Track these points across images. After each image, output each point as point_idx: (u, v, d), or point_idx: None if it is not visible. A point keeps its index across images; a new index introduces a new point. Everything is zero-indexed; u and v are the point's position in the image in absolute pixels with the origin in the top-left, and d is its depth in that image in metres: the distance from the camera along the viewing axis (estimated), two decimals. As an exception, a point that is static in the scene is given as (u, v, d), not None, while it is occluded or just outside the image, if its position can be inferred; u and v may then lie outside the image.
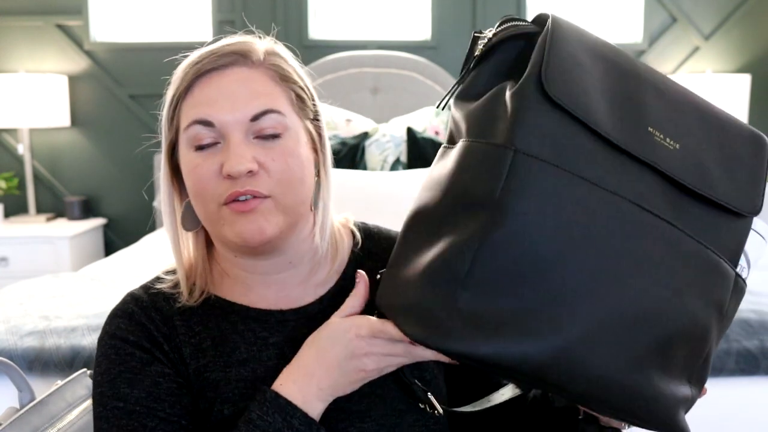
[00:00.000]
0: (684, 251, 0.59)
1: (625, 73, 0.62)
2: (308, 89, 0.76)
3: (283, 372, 0.68)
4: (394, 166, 2.45)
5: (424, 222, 0.62)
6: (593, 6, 3.12)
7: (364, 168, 2.45)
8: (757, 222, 0.66)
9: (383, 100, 2.85)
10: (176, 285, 0.76)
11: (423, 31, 3.09)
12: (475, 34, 0.65)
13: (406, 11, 3.10)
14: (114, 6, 3.06)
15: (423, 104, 2.75)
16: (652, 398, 0.58)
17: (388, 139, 2.47)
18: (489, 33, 0.65)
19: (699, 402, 0.65)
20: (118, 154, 3.07)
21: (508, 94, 0.59)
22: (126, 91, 3.02)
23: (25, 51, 3.00)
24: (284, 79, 0.73)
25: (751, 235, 0.65)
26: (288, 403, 0.65)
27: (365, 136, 2.49)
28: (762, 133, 0.67)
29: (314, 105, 0.77)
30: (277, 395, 0.66)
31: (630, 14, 3.12)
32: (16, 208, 3.07)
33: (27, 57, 3.00)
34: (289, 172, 0.70)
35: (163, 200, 0.76)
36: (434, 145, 2.41)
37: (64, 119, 2.91)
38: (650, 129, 0.60)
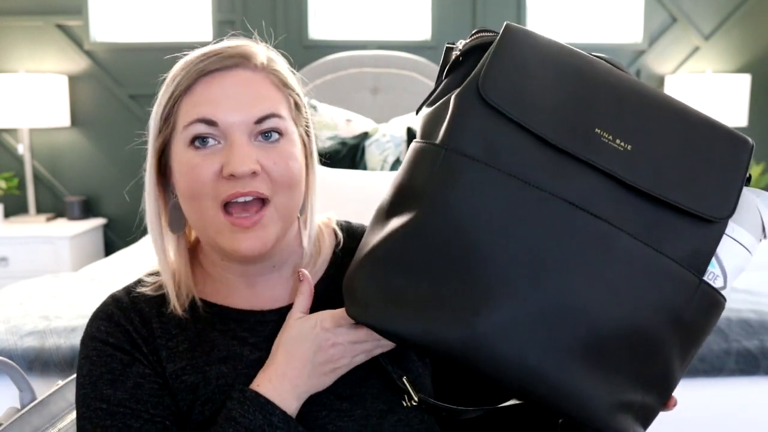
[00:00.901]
0: (622, 251, 0.59)
1: (579, 78, 0.64)
2: (301, 97, 0.77)
3: (259, 374, 0.70)
4: (394, 166, 2.45)
5: (379, 214, 0.67)
6: (593, 6, 3.12)
7: (364, 168, 2.45)
8: (739, 232, 0.63)
9: (383, 100, 2.85)
10: (159, 288, 0.76)
11: (423, 31, 3.09)
12: (448, 46, 0.68)
13: (406, 11, 3.10)
14: (114, 6, 3.06)
15: (423, 104, 2.74)
16: (578, 396, 0.58)
17: (388, 139, 2.47)
18: (460, 44, 0.68)
19: (699, 402, 0.64)
20: (118, 154, 3.07)
21: (452, 97, 0.63)
22: (126, 91, 3.02)
23: (25, 51, 3.00)
24: (285, 85, 0.74)
25: (729, 243, 0.63)
26: (267, 402, 0.67)
27: (365, 136, 2.49)
28: (746, 137, 0.65)
29: (306, 113, 0.78)
30: (257, 394, 0.67)
31: (630, 14, 3.12)
32: (16, 208, 3.07)
33: (27, 57, 3.00)
34: (290, 174, 0.71)
35: (148, 201, 0.75)
36: (434, 145, 2.41)
37: (64, 119, 2.91)
38: (597, 130, 0.61)
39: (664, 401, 0.63)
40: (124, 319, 0.74)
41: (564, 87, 0.63)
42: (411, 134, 2.46)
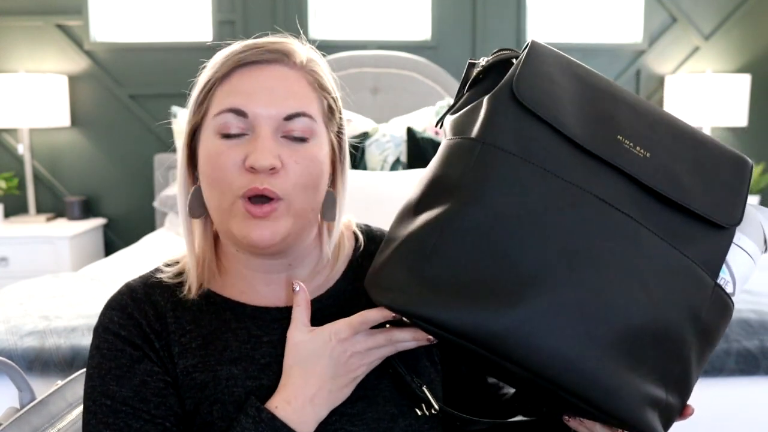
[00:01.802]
0: (649, 248, 0.62)
1: (599, 91, 0.69)
2: (338, 101, 0.78)
3: (277, 393, 0.69)
4: (394, 166, 2.45)
5: (406, 211, 0.68)
6: (593, 6, 3.12)
7: (364, 168, 2.45)
8: (745, 241, 0.67)
9: (383, 100, 2.85)
10: (178, 275, 0.76)
11: (423, 31, 3.09)
12: (470, 62, 0.73)
13: (406, 11, 3.10)
14: (114, 6, 3.06)
15: (423, 104, 2.75)
16: (612, 388, 0.58)
17: (388, 139, 2.47)
18: (483, 60, 0.71)
19: (699, 402, 0.65)
20: (118, 154, 3.07)
21: (485, 99, 0.67)
22: (126, 91, 3.02)
23: (25, 51, 3.00)
24: (321, 86, 0.74)
25: (737, 251, 0.67)
26: (283, 426, 0.66)
27: (365, 136, 2.49)
28: (746, 158, 0.70)
29: (341, 118, 0.78)
30: (274, 417, 0.66)
31: (630, 14, 3.12)
32: (16, 208, 3.07)
33: (27, 57, 3.00)
34: (308, 176, 0.70)
35: (179, 186, 0.76)
36: (434, 145, 2.41)
37: (64, 119, 2.91)
38: (620, 137, 0.65)
39: (684, 404, 0.64)
40: (138, 311, 0.73)
41: (587, 97, 0.67)
42: (411, 134, 2.46)
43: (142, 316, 0.73)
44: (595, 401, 0.59)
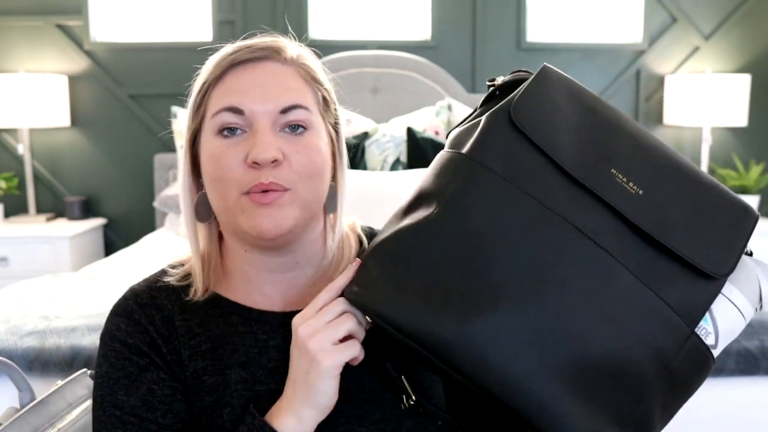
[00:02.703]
0: (621, 285, 0.61)
1: (604, 123, 0.68)
2: (332, 93, 0.78)
3: (277, 403, 0.68)
4: (394, 166, 2.45)
5: (395, 214, 0.70)
6: (593, 6, 3.12)
7: (364, 168, 2.45)
8: (737, 295, 0.65)
9: (383, 100, 2.85)
10: (183, 278, 0.77)
11: (423, 31, 3.09)
12: (488, 83, 0.73)
13: (406, 11, 3.10)
14: (114, 6, 3.06)
15: (423, 104, 2.75)
16: (556, 415, 0.57)
17: (388, 139, 2.48)
18: (500, 80, 0.72)
19: (699, 402, 0.64)
20: (118, 154, 3.07)
21: (483, 117, 0.67)
22: (126, 91, 3.02)
23: (25, 51, 3.00)
24: (314, 79, 0.75)
25: (725, 304, 0.65)
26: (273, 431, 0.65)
27: (365, 136, 2.49)
28: (753, 209, 0.67)
29: (336, 110, 0.79)
30: (264, 424, 0.66)
31: (630, 14, 3.12)
32: (16, 208, 3.07)
33: (27, 57, 3.00)
34: (312, 165, 0.71)
35: (182, 190, 0.77)
36: (434, 145, 2.41)
37: (64, 119, 2.91)
38: (613, 171, 0.64)
39: None
40: (144, 316, 0.74)
41: (588, 127, 0.67)
42: (411, 134, 2.46)
43: (148, 321, 0.73)
44: (536, 425, 0.58)
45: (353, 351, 0.65)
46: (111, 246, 3.11)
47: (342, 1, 3.08)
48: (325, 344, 0.64)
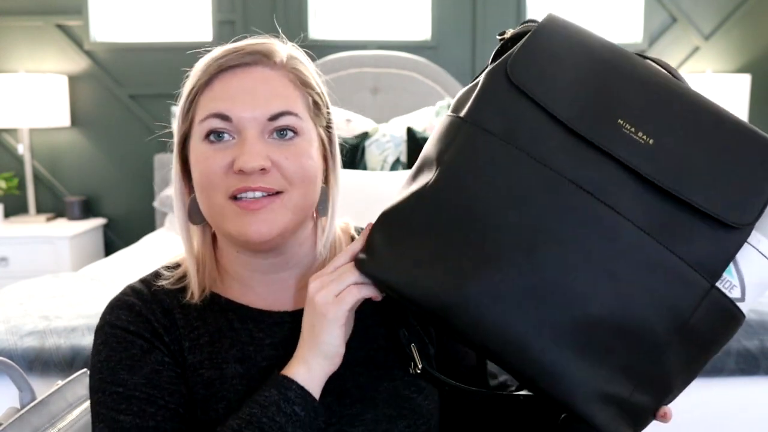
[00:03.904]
0: (627, 242, 0.58)
1: (612, 70, 0.64)
2: (324, 96, 0.77)
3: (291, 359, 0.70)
4: (394, 166, 2.45)
5: (404, 182, 0.70)
6: (593, 6, 3.12)
7: (364, 168, 2.45)
8: (766, 244, 0.61)
9: (383, 100, 2.85)
10: (178, 280, 0.76)
11: (423, 31, 3.09)
12: (498, 37, 0.70)
13: (406, 11, 3.10)
14: (114, 6, 3.06)
15: (423, 104, 2.75)
16: (557, 375, 0.57)
17: (388, 139, 2.47)
18: (509, 33, 0.69)
19: (699, 402, 0.63)
20: (118, 154, 3.07)
21: (482, 75, 0.66)
22: (126, 91, 3.02)
23: (25, 51, 3.00)
24: (303, 83, 0.74)
25: (752, 254, 0.61)
26: (284, 378, 0.66)
27: (365, 136, 2.49)
28: None
29: (328, 113, 0.78)
30: (276, 373, 0.67)
31: (630, 14, 3.12)
32: (16, 208, 3.07)
33: (27, 57, 3.00)
34: (302, 171, 0.71)
35: (175, 194, 0.77)
36: (434, 145, 2.41)
37: (64, 119, 2.91)
38: (620, 121, 0.61)
39: (659, 405, 0.62)
40: (146, 309, 0.74)
41: (594, 77, 0.64)
42: (411, 134, 2.46)
43: (150, 312, 0.73)
44: (539, 385, 0.58)
45: (352, 298, 0.65)
46: (111, 246, 3.11)
47: (342, 1, 3.08)
48: (329, 297, 0.65)
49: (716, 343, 0.61)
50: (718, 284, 0.60)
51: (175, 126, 0.75)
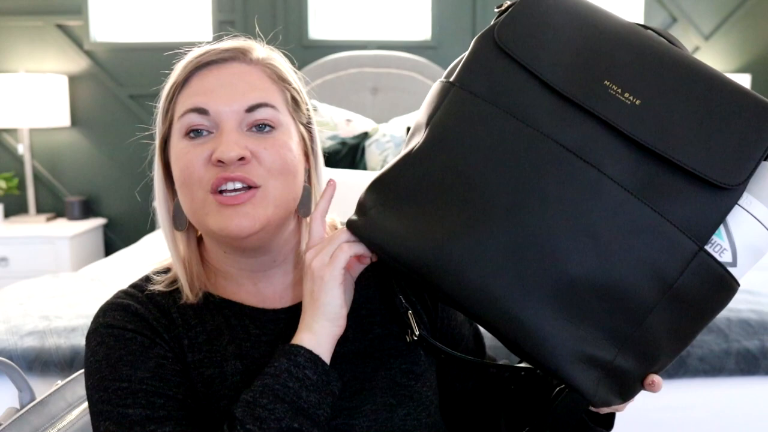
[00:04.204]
0: (611, 202, 0.58)
1: (601, 34, 0.64)
2: (302, 94, 0.78)
3: None
4: (394, 166, 2.45)
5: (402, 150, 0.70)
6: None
7: (364, 168, 2.45)
8: (757, 206, 0.59)
9: (383, 100, 2.85)
10: (170, 284, 0.76)
11: (423, 31, 3.09)
12: (496, 9, 0.71)
13: (406, 11, 3.10)
14: (114, 6, 3.06)
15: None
16: (539, 336, 0.57)
17: (388, 139, 2.47)
18: (506, 4, 0.70)
19: (699, 402, 0.63)
20: (118, 154, 3.07)
21: (473, 41, 0.68)
22: (126, 91, 3.02)
23: (25, 51, 3.00)
24: (280, 78, 0.75)
25: (743, 216, 0.59)
26: (292, 345, 0.66)
27: (365, 136, 2.49)
28: None
29: (308, 110, 0.78)
30: (283, 344, 0.68)
31: (630, 14, 3.12)
32: (16, 208, 3.07)
33: (27, 57, 3.00)
34: (282, 162, 0.71)
35: (158, 198, 0.77)
36: (434, 145, 2.41)
37: (64, 119, 2.91)
38: (606, 82, 0.61)
39: (645, 372, 0.61)
40: (142, 309, 0.73)
41: (582, 41, 0.64)
42: (411, 134, 2.46)
43: (147, 312, 0.73)
44: (523, 347, 0.58)
45: (344, 255, 0.66)
46: (111, 246, 3.11)
47: (342, 1, 3.08)
48: (325, 259, 0.67)
49: (707, 310, 0.60)
50: (707, 247, 0.58)
51: (156, 129, 0.76)
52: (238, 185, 0.68)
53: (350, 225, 0.67)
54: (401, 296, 0.73)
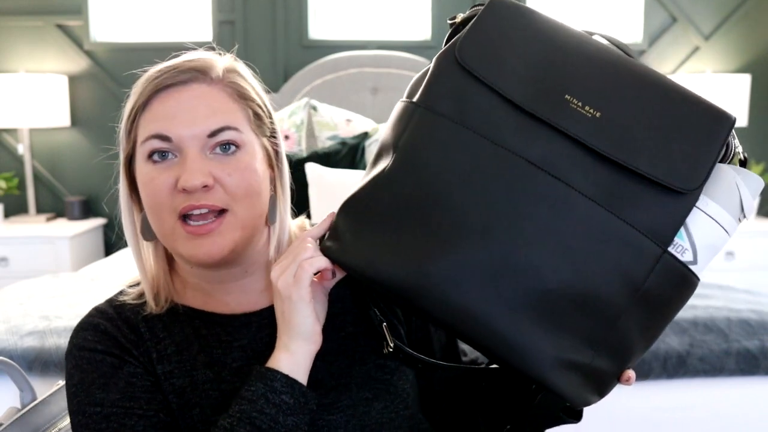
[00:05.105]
0: (579, 213, 0.60)
1: (560, 50, 0.66)
2: (266, 107, 0.78)
3: None
4: (394, 166, 2.45)
5: (365, 172, 0.70)
6: (593, 6, 3.12)
7: (364, 168, 2.45)
8: (713, 207, 0.63)
9: (383, 100, 2.85)
10: (140, 296, 0.77)
11: (423, 31, 3.09)
12: (449, 21, 0.71)
13: (406, 11, 3.10)
14: (114, 6, 3.06)
15: (423, 104, 2.74)
16: (521, 347, 0.59)
17: (388, 139, 2.47)
18: (459, 17, 0.70)
19: (699, 402, 0.63)
20: (118, 155, 3.06)
21: (433, 60, 0.68)
22: (126, 91, 3.00)
23: (25, 51, 3.00)
24: (242, 96, 0.74)
25: (701, 217, 0.62)
26: (269, 370, 0.67)
27: (365, 136, 2.49)
28: (728, 113, 0.64)
29: (271, 122, 0.78)
30: (260, 367, 0.68)
31: (630, 14, 3.12)
32: (16, 208, 3.07)
33: (27, 57, 3.00)
34: (246, 185, 0.71)
35: (123, 212, 0.77)
36: (434, 145, 2.41)
37: (64, 119, 2.91)
38: (567, 96, 0.63)
39: (621, 370, 0.63)
40: (111, 326, 0.74)
41: (541, 56, 0.65)
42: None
43: (115, 330, 0.74)
44: (507, 359, 0.60)
45: (306, 273, 0.66)
46: (111, 246, 3.11)
47: (342, 1, 3.08)
48: (289, 279, 0.66)
49: (672, 307, 0.63)
50: (670, 249, 0.61)
51: (120, 146, 0.76)
52: (205, 211, 0.70)
53: (327, 251, 0.66)
54: (375, 309, 0.73)
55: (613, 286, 0.60)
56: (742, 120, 2.89)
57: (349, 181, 2.05)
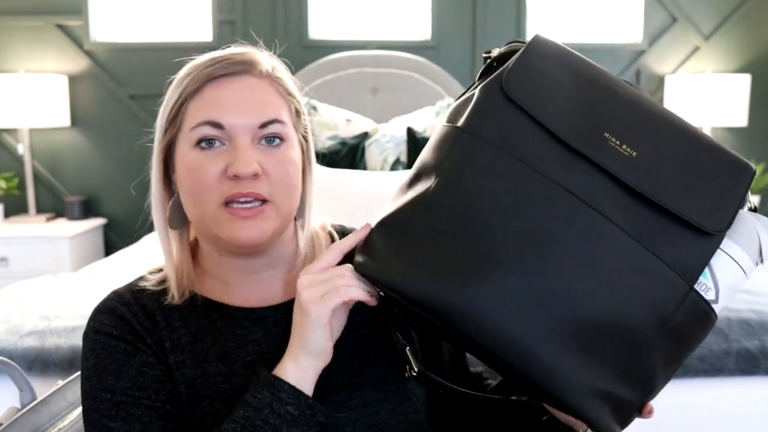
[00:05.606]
0: (615, 245, 0.62)
1: (598, 88, 0.69)
2: (302, 105, 0.81)
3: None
4: (394, 166, 2.45)
5: (400, 188, 0.72)
6: (593, 6, 3.12)
7: (364, 168, 2.45)
8: (736, 250, 0.66)
9: (383, 100, 2.85)
10: (160, 282, 0.78)
11: (423, 31, 3.09)
12: (484, 55, 0.74)
13: (406, 11, 3.10)
14: (114, 6, 3.06)
15: (423, 104, 2.75)
16: (558, 376, 0.60)
17: (388, 139, 2.48)
18: (495, 52, 0.73)
19: (699, 402, 0.64)
20: (118, 154, 3.07)
21: (477, 89, 0.70)
22: (126, 91, 3.02)
23: (25, 51, 3.00)
24: (287, 92, 0.77)
25: (724, 259, 0.65)
26: (276, 379, 0.67)
27: (365, 136, 2.49)
28: (750, 163, 0.68)
29: (305, 120, 0.81)
30: (268, 374, 0.68)
31: (630, 14, 3.12)
32: (16, 208, 3.07)
33: (27, 57, 3.00)
34: (288, 178, 0.74)
35: (154, 198, 0.78)
36: (434, 145, 2.41)
37: (64, 119, 2.91)
38: (606, 134, 0.66)
39: (644, 401, 0.65)
40: (128, 312, 0.76)
41: (580, 94, 0.68)
42: (411, 134, 2.46)
43: (131, 316, 0.75)
44: (541, 385, 0.60)
45: (336, 300, 0.66)
46: (111, 246, 3.11)
47: (342, 1, 3.08)
48: (315, 296, 0.66)
49: (693, 343, 0.66)
50: (696, 287, 0.64)
51: (158, 132, 0.77)
52: (250, 199, 0.71)
53: (361, 268, 0.67)
54: (398, 333, 0.73)
55: (646, 318, 0.62)
56: (742, 120, 2.89)
57: (350, 181, 2.05)
